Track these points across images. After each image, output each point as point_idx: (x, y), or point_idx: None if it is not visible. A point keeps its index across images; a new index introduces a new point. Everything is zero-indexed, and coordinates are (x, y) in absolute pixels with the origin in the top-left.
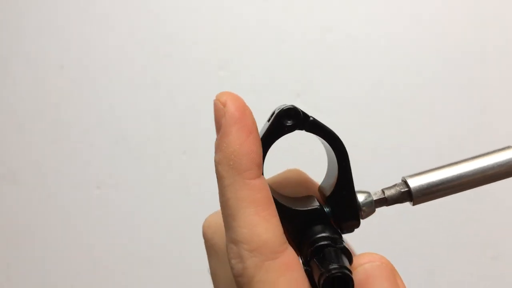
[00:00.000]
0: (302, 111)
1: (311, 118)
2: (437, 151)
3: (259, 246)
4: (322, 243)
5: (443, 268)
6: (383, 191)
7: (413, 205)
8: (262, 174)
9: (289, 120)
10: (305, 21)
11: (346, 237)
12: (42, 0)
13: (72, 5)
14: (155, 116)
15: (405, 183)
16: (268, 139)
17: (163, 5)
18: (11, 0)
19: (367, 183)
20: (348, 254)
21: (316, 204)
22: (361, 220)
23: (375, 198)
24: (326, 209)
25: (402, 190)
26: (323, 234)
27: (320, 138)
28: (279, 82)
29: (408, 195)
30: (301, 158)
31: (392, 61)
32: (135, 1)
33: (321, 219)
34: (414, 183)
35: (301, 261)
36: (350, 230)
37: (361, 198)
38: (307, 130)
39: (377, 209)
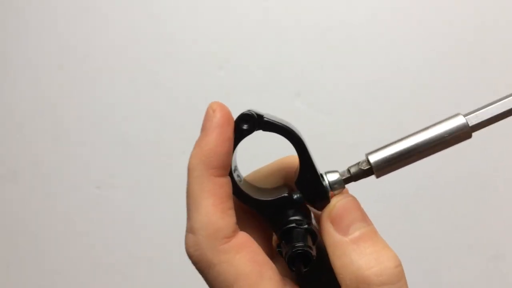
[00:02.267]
0: (256, 114)
1: (265, 119)
2: None
3: (214, 232)
4: (288, 226)
5: (444, 268)
6: (348, 169)
7: (377, 178)
8: (230, 175)
9: (245, 124)
10: (305, 21)
11: None
12: (42, 0)
13: (72, 5)
14: (155, 116)
15: (367, 159)
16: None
17: (163, 5)
18: (11, 0)
19: (366, 182)
20: (313, 233)
21: (284, 193)
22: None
23: (343, 177)
24: (296, 196)
25: (365, 168)
26: (290, 218)
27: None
28: (279, 82)
29: (371, 170)
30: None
31: (392, 61)
32: (135, 1)
33: (290, 205)
34: (374, 158)
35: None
36: (323, 208)
37: (331, 177)
38: (264, 130)
39: (377, 209)
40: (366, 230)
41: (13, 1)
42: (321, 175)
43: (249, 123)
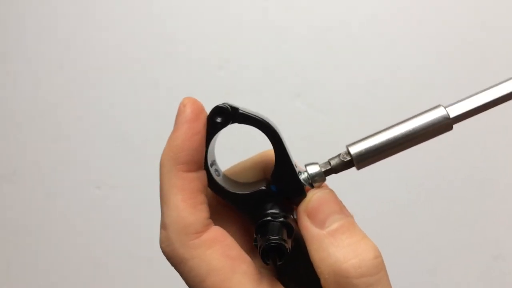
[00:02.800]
0: (230, 106)
1: (240, 111)
2: (437, 151)
3: (183, 227)
4: (264, 219)
5: (444, 268)
6: (329, 161)
7: (357, 169)
8: (205, 168)
9: (219, 117)
10: (305, 21)
11: None
12: (42, 0)
13: (72, 5)
14: (155, 116)
15: (347, 151)
16: (206, 137)
17: (163, 5)
18: (12, 0)
19: (367, 183)
20: (289, 226)
21: (262, 186)
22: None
23: (323, 169)
24: (273, 189)
25: (345, 160)
26: (267, 212)
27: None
28: (279, 82)
29: (351, 162)
30: None
31: (392, 61)
32: (135, 1)
33: (267, 198)
34: (355, 149)
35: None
36: (299, 203)
37: (311, 170)
38: (239, 122)
39: (376, 210)
40: (343, 222)
41: (13, 1)
42: (299, 172)
43: (223, 116)
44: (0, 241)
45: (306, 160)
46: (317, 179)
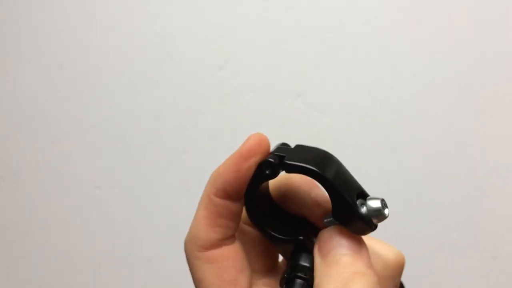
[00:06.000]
0: (278, 158)
1: (288, 162)
2: (437, 151)
3: (194, 237)
4: (293, 274)
5: (444, 268)
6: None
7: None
8: (246, 204)
9: (267, 169)
10: (305, 21)
11: None
12: (43, 0)
13: (72, 5)
14: (155, 116)
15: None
16: (252, 183)
17: (163, 5)
18: (11, 0)
19: (367, 182)
20: (310, 285)
21: (300, 235)
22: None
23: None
24: (310, 240)
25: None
26: (297, 263)
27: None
28: (279, 82)
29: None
30: None
31: (392, 61)
32: (135, 1)
33: (303, 248)
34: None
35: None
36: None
37: (374, 204)
38: (287, 172)
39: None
40: (348, 256)
41: (13, 1)
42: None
43: (270, 168)
44: (0, 241)
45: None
46: (379, 218)
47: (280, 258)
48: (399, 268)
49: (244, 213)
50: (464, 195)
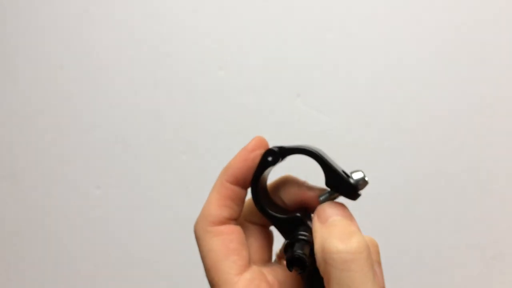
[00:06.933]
0: (279, 148)
1: (286, 147)
2: (437, 151)
3: (206, 215)
4: (294, 238)
5: (444, 268)
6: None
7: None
8: (253, 191)
9: (270, 156)
10: (305, 21)
11: None
12: (43, 0)
13: (72, 5)
14: (155, 116)
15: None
16: (258, 170)
17: (163, 5)
18: (11, 0)
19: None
20: (311, 244)
21: (297, 212)
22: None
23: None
24: (307, 215)
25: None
26: (298, 232)
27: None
28: (279, 82)
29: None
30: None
31: (392, 61)
32: (135, 1)
33: (300, 223)
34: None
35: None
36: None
37: (356, 176)
38: (288, 154)
39: (376, 210)
40: (343, 221)
41: (13, 1)
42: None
43: (273, 155)
44: (0, 241)
45: (306, 160)
46: (361, 184)
47: (274, 258)
48: (377, 247)
49: (245, 213)
50: (464, 195)
